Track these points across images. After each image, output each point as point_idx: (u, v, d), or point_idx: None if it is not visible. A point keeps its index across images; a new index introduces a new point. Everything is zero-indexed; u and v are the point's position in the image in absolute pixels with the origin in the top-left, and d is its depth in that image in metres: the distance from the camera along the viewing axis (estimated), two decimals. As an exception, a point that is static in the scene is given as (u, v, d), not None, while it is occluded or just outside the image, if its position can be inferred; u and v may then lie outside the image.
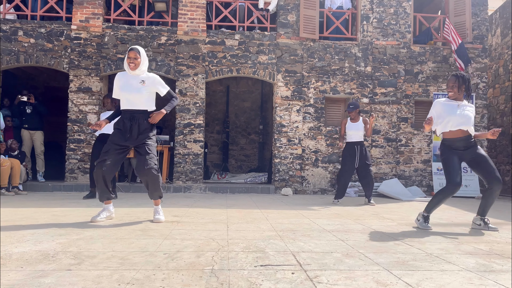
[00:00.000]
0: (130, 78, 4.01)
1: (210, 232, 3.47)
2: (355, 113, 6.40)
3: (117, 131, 3.98)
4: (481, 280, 2.14)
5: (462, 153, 3.90)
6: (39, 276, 2.07)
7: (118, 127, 3.98)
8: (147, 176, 3.93)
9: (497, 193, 3.82)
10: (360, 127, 6.38)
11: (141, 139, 3.96)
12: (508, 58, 10.00)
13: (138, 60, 3.95)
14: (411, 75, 8.73)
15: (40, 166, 8.17)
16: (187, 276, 2.11)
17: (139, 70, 3.99)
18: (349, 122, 6.47)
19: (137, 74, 4.00)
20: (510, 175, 9.69)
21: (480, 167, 3.86)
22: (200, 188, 8.00)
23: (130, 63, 3.92)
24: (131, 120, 3.96)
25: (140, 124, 3.96)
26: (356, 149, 6.35)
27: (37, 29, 8.09)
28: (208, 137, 11.69)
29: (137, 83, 3.96)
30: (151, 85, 4.02)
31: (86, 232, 3.33)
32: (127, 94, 3.96)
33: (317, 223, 4.12)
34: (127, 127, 3.94)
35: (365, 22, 8.71)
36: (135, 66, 3.94)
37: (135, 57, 3.93)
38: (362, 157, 6.34)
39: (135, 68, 3.95)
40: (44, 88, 11.30)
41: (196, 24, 8.34)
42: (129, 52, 3.93)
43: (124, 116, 4.01)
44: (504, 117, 10.06)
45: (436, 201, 3.92)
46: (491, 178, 3.80)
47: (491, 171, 3.80)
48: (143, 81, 3.98)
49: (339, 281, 2.08)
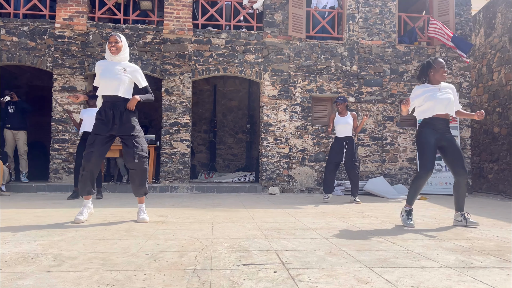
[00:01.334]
0: (111, 64, 3.94)
1: (195, 231, 3.46)
2: (343, 106, 6.42)
3: (99, 122, 3.92)
4: (460, 277, 2.17)
5: (440, 137, 3.95)
6: (17, 278, 2.04)
7: (100, 118, 3.91)
8: (136, 168, 3.90)
9: (464, 183, 3.91)
10: (348, 121, 6.39)
11: (126, 130, 3.91)
12: (491, 58, 10.16)
13: (119, 44, 3.90)
14: (396, 74, 8.82)
15: (23, 166, 8.04)
16: (169, 276, 2.10)
17: (120, 56, 3.94)
18: (337, 116, 6.48)
19: (118, 60, 3.95)
20: (493, 173, 9.86)
21: (451, 156, 3.93)
22: (187, 187, 7.96)
23: (111, 47, 3.87)
24: (113, 109, 3.89)
25: (122, 113, 3.90)
26: (344, 144, 6.37)
27: (20, 27, 7.96)
28: (195, 137, 11.65)
29: (118, 69, 3.90)
30: (132, 73, 3.97)
31: (68, 233, 3.30)
32: (108, 80, 3.88)
33: (302, 222, 4.14)
34: (109, 116, 3.88)
35: (351, 21, 8.76)
36: (116, 50, 3.89)
37: (116, 41, 3.88)
38: (349, 152, 6.36)
39: (117, 52, 3.90)
40: (28, 87, 11.12)
41: (182, 23, 8.30)
42: (110, 38, 3.89)
43: (105, 105, 3.94)
44: (487, 116, 10.23)
45: (413, 191, 3.99)
46: (458, 168, 3.88)
47: (460, 163, 3.88)
48: (125, 69, 3.93)
49: (320, 279, 2.09)
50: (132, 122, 3.94)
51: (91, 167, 3.84)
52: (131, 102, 3.90)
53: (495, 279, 2.14)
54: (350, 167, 6.41)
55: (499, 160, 9.63)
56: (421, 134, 4.01)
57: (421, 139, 3.98)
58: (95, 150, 3.83)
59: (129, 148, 3.90)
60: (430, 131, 3.95)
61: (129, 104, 3.90)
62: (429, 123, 3.99)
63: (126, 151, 3.94)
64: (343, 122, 6.39)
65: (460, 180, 3.91)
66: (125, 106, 3.93)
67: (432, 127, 3.96)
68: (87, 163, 3.83)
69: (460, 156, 3.90)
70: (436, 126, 3.96)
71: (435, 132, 3.95)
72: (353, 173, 6.41)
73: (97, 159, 3.85)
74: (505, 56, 9.54)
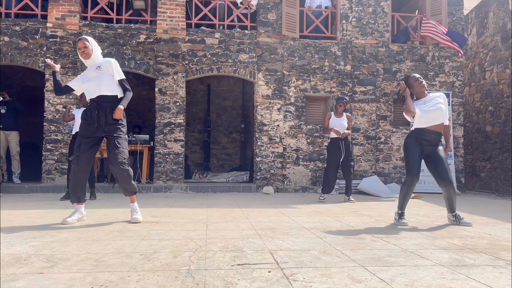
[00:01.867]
0: (88, 70, 3.99)
1: (189, 232, 3.45)
2: (343, 108, 6.46)
3: (83, 123, 3.91)
4: (453, 275, 2.19)
5: (426, 147, 3.99)
6: (9, 280, 2.02)
7: (85, 118, 3.91)
8: (116, 171, 3.90)
9: (451, 191, 3.94)
10: (344, 123, 6.42)
11: (111, 129, 3.89)
12: (483, 57, 10.24)
13: (89, 48, 3.91)
14: (389, 73, 8.85)
15: (15, 167, 7.98)
16: (163, 277, 2.09)
17: (92, 58, 3.95)
18: (333, 117, 6.48)
19: (92, 62, 3.96)
20: (486, 171, 9.94)
21: (434, 166, 3.97)
22: (181, 187, 7.94)
23: (82, 53, 3.89)
24: (98, 109, 3.89)
25: (107, 113, 3.89)
26: (341, 144, 6.39)
27: (11, 27, 7.89)
28: (189, 137, 11.62)
29: (93, 71, 3.93)
30: (107, 68, 3.94)
31: (61, 234, 3.27)
32: (87, 84, 3.93)
33: (296, 221, 4.14)
34: (94, 117, 3.87)
35: (344, 21, 8.79)
36: (87, 55, 3.91)
37: (85, 46, 3.89)
38: (346, 152, 6.38)
39: (87, 57, 3.92)
40: (20, 87, 11.04)
41: (176, 22, 8.27)
42: (77, 43, 3.90)
43: (91, 105, 3.94)
44: (480, 115, 10.31)
45: (402, 196, 4.04)
46: (440, 179, 3.93)
47: (443, 174, 3.91)
48: (99, 67, 3.93)
49: (314, 278, 2.10)
50: (117, 123, 3.92)
51: (80, 169, 3.82)
52: (116, 113, 3.87)
53: (488, 277, 2.15)
54: (346, 166, 6.43)
55: (492, 159, 9.70)
56: (406, 143, 4.08)
57: (406, 146, 4.06)
58: (81, 154, 3.81)
59: (111, 148, 3.89)
60: (415, 141, 4.01)
61: (115, 116, 3.87)
62: (416, 134, 4.03)
63: (108, 151, 3.93)
64: (338, 124, 6.41)
65: (445, 190, 3.95)
66: (110, 105, 3.91)
67: (419, 137, 4.01)
68: (75, 167, 3.83)
69: (443, 167, 3.92)
70: (424, 137, 3.99)
71: (420, 142, 3.99)
72: (349, 172, 6.45)
73: (85, 162, 3.83)
74: (497, 56, 9.61)
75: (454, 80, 9.03)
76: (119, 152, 3.86)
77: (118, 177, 3.94)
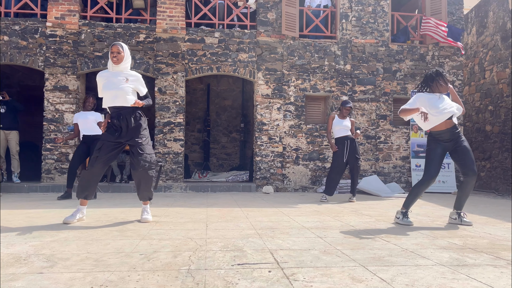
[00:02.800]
0: (113, 75, 3.94)
1: (189, 231, 3.45)
2: (349, 112, 6.42)
3: (109, 128, 3.94)
4: (453, 274, 2.18)
5: (447, 144, 4.00)
6: (9, 280, 2.02)
7: (110, 126, 3.94)
8: (140, 176, 3.92)
9: (471, 184, 3.94)
10: (347, 125, 6.37)
11: (133, 136, 3.90)
12: (483, 56, 10.24)
13: (122, 54, 3.91)
14: (389, 73, 8.85)
15: (15, 167, 7.96)
16: (163, 277, 2.09)
17: (122, 66, 3.94)
18: (337, 118, 6.43)
19: (120, 70, 3.94)
20: (486, 171, 9.94)
21: (460, 158, 3.97)
22: (181, 187, 7.93)
23: (113, 57, 3.88)
24: (118, 119, 3.90)
25: (129, 122, 3.90)
26: (346, 143, 6.35)
27: (11, 26, 7.88)
28: (189, 136, 11.61)
29: (120, 80, 3.90)
30: (134, 83, 3.97)
31: (60, 234, 3.26)
32: (111, 92, 3.89)
33: (296, 221, 4.14)
34: (117, 125, 3.90)
35: (344, 20, 8.78)
36: (118, 60, 3.89)
37: (118, 52, 3.89)
38: (352, 150, 6.32)
39: (118, 62, 3.90)
40: (19, 87, 11.01)
41: (175, 21, 8.26)
42: (112, 47, 3.89)
43: (112, 116, 3.95)
44: (480, 114, 10.30)
45: (413, 195, 4.02)
46: (467, 170, 3.92)
47: (469, 163, 3.91)
48: (127, 79, 3.93)
49: (315, 278, 2.09)
50: (139, 131, 3.94)
51: (95, 171, 3.84)
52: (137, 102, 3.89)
53: (489, 277, 2.15)
54: (353, 165, 6.38)
55: (491, 158, 9.70)
56: (428, 143, 4.09)
57: (428, 146, 4.08)
58: (100, 155, 3.84)
59: (134, 155, 3.91)
60: (437, 142, 4.02)
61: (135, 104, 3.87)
62: (435, 137, 4.04)
63: (132, 158, 3.95)
64: (342, 124, 6.37)
65: (467, 180, 3.94)
66: (131, 114, 3.91)
67: (439, 139, 4.01)
68: (91, 167, 3.84)
69: (469, 158, 3.92)
70: (441, 138, 4.00)
71: (442, 142, 4.00)
72: (356, 170, 6.41)
73: (101, 164, 3.85)
74: (497, 55, 9.61)
75: (454, 80, 9.02)
76: (142, 158, 3.88)
77: (140, 182, 3.96)
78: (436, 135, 4.03)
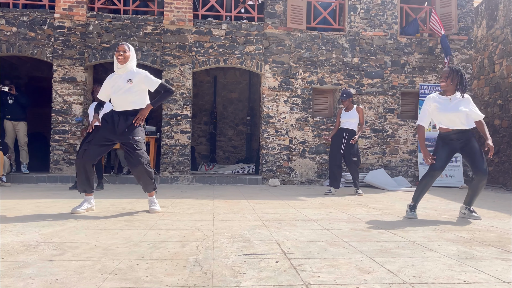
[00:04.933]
0: (118, 78, 3.96)
1: (196, 222, 3.47)
2: (348, 102, 6.36)
3: (104, 123, 3.95)
4: (461, 267, 2.18)
5: (456, 143, 3.95)
6: (20, 267, 2.05)
7: (105, 119, 3.95)
8: (138, 172, 3.94)
9: (481, 184, 3.86)
10: (353, 116, 6.33)
11: (127, 137, 3.90)
12: (493, 50, 10.11)
13: (127, 54, 3.93)
14: (397, 66, 8.78)
15: (23, 157, 8.04)
16: (171, 266, 2.11)
17: (126, 65, 3.94)
18: (343, 112, 6.43)
19: (125, 69, 3.95)
20: (494, 165, 9.86)
21: (470, 158, 3.91)
22: (187, 179, 7.97)
23: (119, 56, 3.88)
24: (120, 116, 3.93)
25: (128, 120, 3.92)
26: (344, 136, 6.32)
27: (19, 17, 7.91)
28: (196, 128, 11.64)
29: (124, 83, 3.91)
30: (139, 83, 3.96)
31: (69, 223, 3.30)
32: (115, 96, 3.94)
33: (303, 213, 4.15)
34: (115, 121, 3.91)
35: (352, 13, 8.70)
36: (124, 59, 3.90)
37: (124, 51, 3.90)
38: (348, 145, 6.31)
39: (124, 61, 3.91)
40: (28, 78, 11.09)
41: (183, 13, 8.24)
42: (118, 47, 3.92)
43: (114, 112, 3.98)
44: (489, 108, 10.21)
45: (420, 188, 3.99)
46: (476, 170, 3.84)
47: (479, 164, 3.83)
48: (130, 80, 3.92)
49: (322, 269, 2.10)
50: (136, 134, 3.92)
51: (82, 163, 3.82)
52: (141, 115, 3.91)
53: (497, 270, 2.14)
54: (348, 160, 6.39)
55: (500, 153, 9.62)
56: (436, 142, 4.06)
57: (437, 142, 4.05)
58: (89, 148, 3.85)
59: (130, 151, 3.91)
60: (444, 141, 3.98)
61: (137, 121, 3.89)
62: (443, 137, 4.00)
63: (127, 155, 3.96)
64: (347, 117, 6.34)
65: (478, 180, 3.86)
66: (133, 117, 3.92)
67: (447, 140, 3.97)
68: (78, 159, 3.86)
69: (478, 158, 3.84)
70: (449, 137, 3.95)
71: (448, 142, 3.95)
72: (351, 166, 6.41)
73: (89, 157, 3.84)
74: (507, 48, 9.49)
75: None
76: (138, 154, 3.88)
77: (139, 177, 3.99)
78: (444, 136, 3.99)
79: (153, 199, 4.12)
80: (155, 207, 4.04)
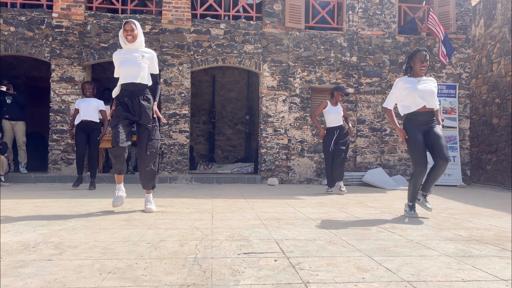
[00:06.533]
0: (128, 52, 3.93)
1: (195, 221, 3.47)
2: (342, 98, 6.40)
3: (120, 107, 3.89)
4: (459, 265, 2.19)
5: (423, 127, 3.90)
6: (18, 266, 2.04)
7: (120, 103, 3.91)
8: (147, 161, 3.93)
9: (441, 170, 3.80)
10: (340, 110, 6.31)
11: (144, 121, 3.90)
12: (490, 49, 10.13)
13: (135, 32, 3.89)
14: (395, 65, 8.79)
15: (22, 157, 8.03)
16: (170, 265, 2.11)
17: (137, 43, 3.93)
18: (329, 106, 6.33)
19: (135, 47, 3.93)
20: (492, 164, 9.89)
21: (431, 143, 3.84)
22: (186, 178, 7.97)
23: (127, 35, 3.85)
24: (131, 98, 3.89)
25: (140, 103, 3.89)
26: (335, 133, 6.28)
27: (17, 17, 7.89)
28: (194, 128, 11.63)
29: (136, 57, 3.89)
30: (150, 60, 3.97)
31: (68, 223, 3.30)
32: (127, 68, 3.86)
33: (301, 212, 4.15)
34: (128, 104, 3.89)
35: (351, 12, 8.71)
36: (133, 38, 3.87)
37: (132, 29, 3.86)
38: (338, 139, 6.23)
39: (133, 40, 3.88)
40: (25, 78, 11.06)
41: (181, 12, 8.23)
42: (125, 25, 3.85)
43: (123, 94, 3.92)
44: (487, 107, 10.23)
45: (412, 188, 3.97)
46: (437, 155, 3.78)
47: (440, 149, 3.78)
48: (143, 56, 3.92)
49: (321, 267, 2.10)
50: (150, 114, 3.93)
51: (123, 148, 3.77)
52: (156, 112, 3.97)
53: (495, 267, 2.15)
54: (336, 151, 6.21)
55: (498, 151, 9.65)
56: (406, 130, 3.94)
57: (408, 136, 3.91)
58: (120, 130, 3.76)
59: (143, 139, 3.91)
60: (414, 127, 3.90)
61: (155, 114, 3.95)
62: (412, 119, 3.93)
63: (140, 142, 3.95)
64: (335, 112, 6.27)
65: (438, 165, 3.80)
66: (143, 96, 3.92)
67: (415, 122, 3.91)
68: (118, 147, 3.75)
69: (440, 143, 3.79)
70: (419, 119, 3.90)
71: (419, 126, 3.89)
72: (337, 157, 6.19)
73: (124, 140, 3.78)
74: (505, 47, 9.51)
75: (461, 72, 8.95)
76: (151, 143, 3.90)
77: (143, 171, 3.98)
78: (412, 117, 3.91)
79: (149, 197, 4.10)
80: (151, 206, 4.03)
